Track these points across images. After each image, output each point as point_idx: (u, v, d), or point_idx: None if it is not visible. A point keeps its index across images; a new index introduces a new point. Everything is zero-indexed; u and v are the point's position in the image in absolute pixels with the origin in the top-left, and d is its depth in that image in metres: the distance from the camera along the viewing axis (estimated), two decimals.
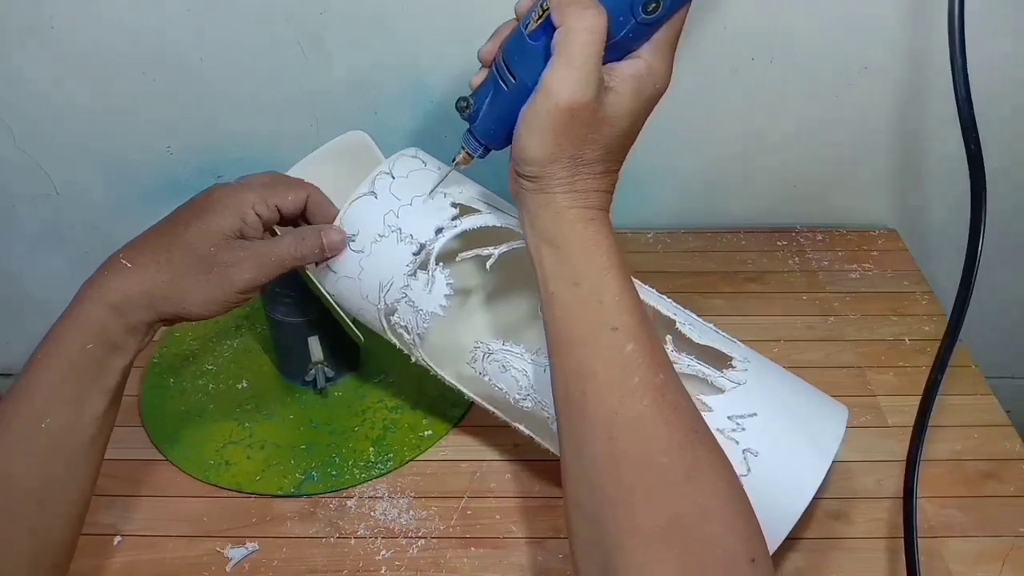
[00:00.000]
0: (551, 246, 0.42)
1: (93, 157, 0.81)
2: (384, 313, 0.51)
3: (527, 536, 0.56)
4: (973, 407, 0.65)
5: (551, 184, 0.42)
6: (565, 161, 0.41)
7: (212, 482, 0.60)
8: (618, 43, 0.40)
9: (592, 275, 0.41)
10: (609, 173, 0.43)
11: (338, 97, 0.77)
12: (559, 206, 0.42)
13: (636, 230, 0.85)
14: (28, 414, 0.43)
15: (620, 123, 0.41)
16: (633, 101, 0.40)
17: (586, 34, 0.38)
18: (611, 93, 0.40)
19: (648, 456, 0.38)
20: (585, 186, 0.42)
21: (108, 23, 0.71)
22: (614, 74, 0.40)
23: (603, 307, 0.41)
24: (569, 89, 0.38)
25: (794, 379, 0.53)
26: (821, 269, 0.80)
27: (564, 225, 0.42)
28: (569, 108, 0.39)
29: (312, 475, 0.60)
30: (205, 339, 0.73)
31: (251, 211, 0.48)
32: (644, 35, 0.40)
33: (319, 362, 0.65)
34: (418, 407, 0.66)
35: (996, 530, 0.56)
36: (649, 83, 0.41)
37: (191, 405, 0.66)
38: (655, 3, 0.38)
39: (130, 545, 0.56)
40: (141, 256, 0.46)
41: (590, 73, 0.38)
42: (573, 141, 0.40)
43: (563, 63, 0.38)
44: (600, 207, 0.43)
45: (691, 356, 0.51)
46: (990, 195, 0.85)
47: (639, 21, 0.39)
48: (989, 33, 0.71)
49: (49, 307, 0.94)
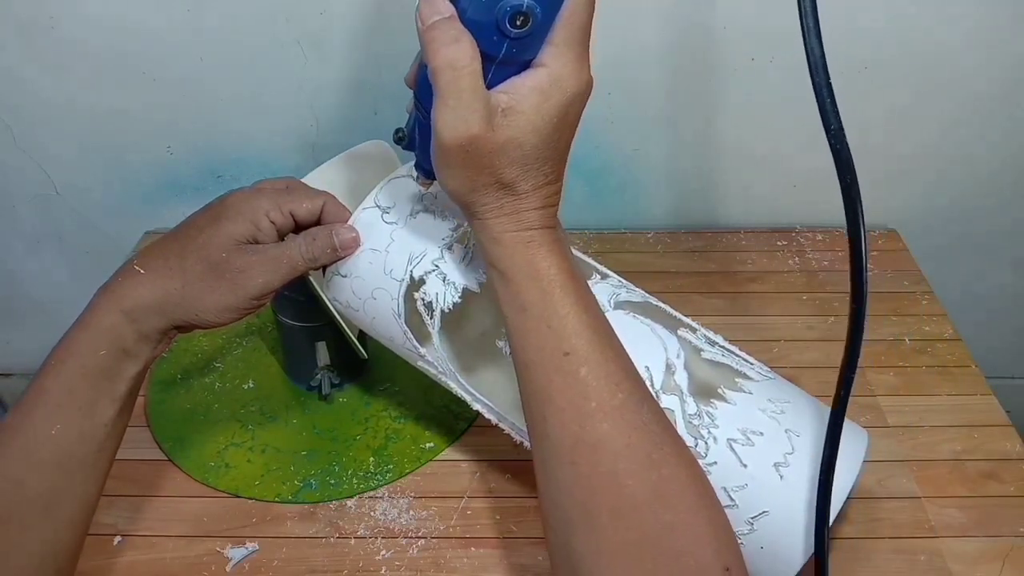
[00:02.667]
0: (496, 271, 0.42)
1: (93, 157, 0.81)
2: (407, 289, 0.50)
3: (527, 536, 0.56)
4: (973, 407, 0.65)
5: (482, 212, 0.41)
6: (484, 190, 0.40)
7: (211, 485, 0.60)
8: (505, 60, 0.38)
9: (536, 300, 0.40)
10: (539, 189, 0.40)
11: (338, 97, 0.77)
12: (494, 233, 0.41)
13: (636, 230, 0.84)
14: (39, 421, 0.42)
15: (528, 140, 0.38)
16: (537, 115, 0.38)
17: (451, 72, 0.37)
18: (509, 114, 0.38)
19: (612, 479, 0.38)
20: (515, 208, 0.40)
21: (108, 23, 0.71)
22: (512, 92, 0.38)
23: (552, 332, 0.40)
24: (450, 129, 0.37)
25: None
26: (821, 269, 0.80)
27: (503, 251, 0.41)
28: (458, 146, 0.38)
29: (311, 483, 0.60)
30: (215, 336, 0.73)
31: (265, 218, 0.47)
32: (532, 46, 0.38)
33: (325, 367, 0.65)
34: (422, 418, 0.65)
35: (996, 530, 0.56)
36: (555, 91, 0.38)
37: (196, 403, 0.66)
38: (522, 17, 0.36)
39: (130, 545, 0.56)
40: (154, 262, 0.46)
41: (468, 107, 0.37)
42: (480, 172, 0.39)
43: (440, 102, 0.37)
44: (540, 226, 0.41)
45: (719, 348, 0.52)
46: (988, 194, 0.86)
47: (513, 38, 0.37)
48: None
49: (49, 307, 0.95)
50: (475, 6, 0.37)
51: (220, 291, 0.46)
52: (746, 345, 0.55)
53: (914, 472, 0.60)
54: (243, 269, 0.46)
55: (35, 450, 0.42)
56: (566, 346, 0.40)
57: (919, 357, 0.70)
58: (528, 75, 0.38)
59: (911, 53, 0.73)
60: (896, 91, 0.75)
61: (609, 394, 0.39)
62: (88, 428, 0.44)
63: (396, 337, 0.52)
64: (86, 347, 0.44)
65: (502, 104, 0.38)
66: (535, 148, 0.39)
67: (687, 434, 0.48)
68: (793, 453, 0.47)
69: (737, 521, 0.46)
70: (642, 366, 0.50)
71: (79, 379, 0.43)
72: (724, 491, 0.46)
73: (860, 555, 0.55)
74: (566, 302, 0.40)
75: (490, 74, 0.38)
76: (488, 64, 0.38)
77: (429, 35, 0.37)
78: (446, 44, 0.37)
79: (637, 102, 0.76)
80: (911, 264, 0.81)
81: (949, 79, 0.75)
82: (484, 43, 0.37)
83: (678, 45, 0.72)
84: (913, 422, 0.64)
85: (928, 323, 0.73)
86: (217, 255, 0.46)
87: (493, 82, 0.39)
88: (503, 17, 0.36)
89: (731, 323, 0.73)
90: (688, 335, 0.53)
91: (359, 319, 0.53)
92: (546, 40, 0.38)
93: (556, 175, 0.41)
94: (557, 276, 0.41)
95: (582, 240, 0.83)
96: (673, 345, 0.52)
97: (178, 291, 0.45)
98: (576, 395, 0.39)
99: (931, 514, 0.57)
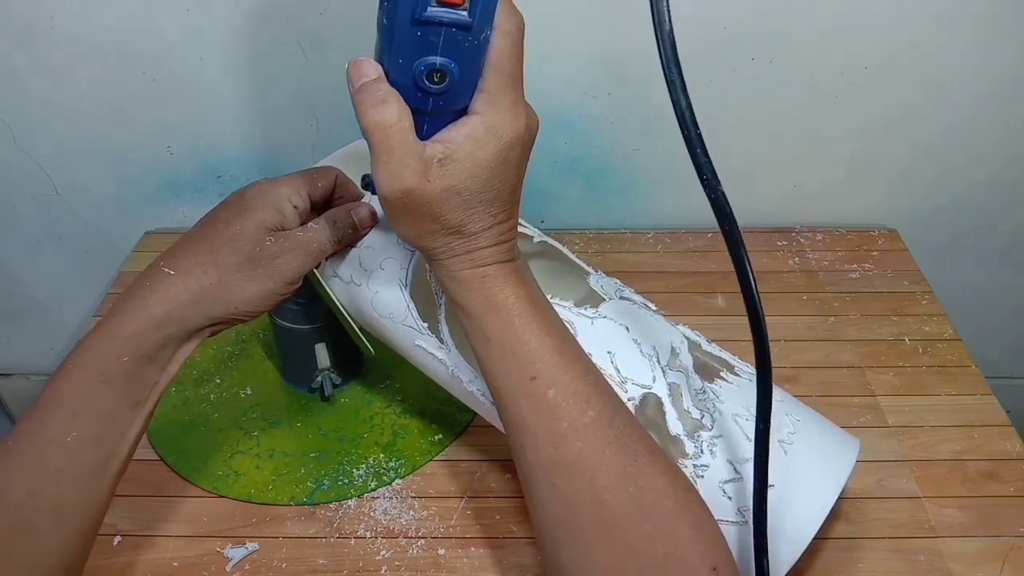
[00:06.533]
0: (457, 306, 0.43)
1: (93, 157, 0.81)
2: (419, 258, 0.50)
3: (527, 536, 0.56)
4: (973, 407, 0.65)
5: (435, 254, 0.42)
6: (431, 236, 0.41)
7: (223, 494, 0.59)
8: (435, 112, 0.39)
9: (497, 330, 0.42)
10: (488, 229, 0.41)
11: (338, 97, 0.77)
12: (450, 271, 0.42)
13: (636, 230, 0.85)
14: (54, 428, 0.42)
15: (467, 186, 0.39)
16: (472, 162, 0.39)
17: (380, 132, 0.38)
18: (445, 164, 0.39)
19: (591, 495, 0.39)
20: (466, 248, 0.42)
21: (108, 23, 0.71)
22: (447, 141, 0.39)
23: (516, 358, 0.41)
24: (387, 184, 0.39)
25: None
26: (821, 269, 0.80)
27: (460, 287, 0.42)
28: (396, 199, 0.39)
29: (323, 483, 0.60)
30: (205, 346, 0.72)
31: (288, 204, 0.48)
32: (460, 96, 0.39)
33: (326, 369, 0.65)
34: (426, 412, 0.65)
35: (996, 530, 0.56)
36: (490, 138, 0.39)
37: (195, 414, 0.66)
38: (438, 74, 0.37)
39: (130, 545, 0.56)
40: (184, 262, 0.45)
41: (400, 163, 0.38)
42: (423, 219, 0.40)
43: (375, 160, 0.39)
44: (493, 262, 0.42)
45: (714, 345, 0.53)
46: (988, 195, 0.86)
47: (436, 93, 0.38)
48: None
49: (49, 307, 0.95)
50: (395, 67, 0.38)
51: (257, 280, 0.46)
52: (747, 345, 0.54)
53: (914, 472, 0.60)
54: (277, 255, 0.46)
55: (49, 458, 0.41)
56: (531, 370, 0.41)
57: (919, 357, 0.70)
58: (462, 123, 0.40)
59: (912, 53, 0.73)
60: (896, 91, 0.75)
61: (579, 412, 0.40)
62: (105, 436, 0.43)
63: (397, 312, 0.51)
64: (108, 353, 0.43)
65: (438, 154, 0.39)
66: (476, 193, 0.40)
67: (694, 407, 0.48)
68: (795, 434, 0.48)
69: (742, 495, 0.46)
70: (648, 345, 0.50)
71: (99, 386, 0.42)
72: (730, 464, 0.47)
73: (860, 555, 0.55)
74: (527, 328, 0.41)
75: (425, 126, 0.40)
76: (421, 117, 0.39)
77: (358, 97, 0.39)
78: (373, 106, 0.38)
79: (637, 102, 0.76)
80: (911, 264, 0.81)
81: (950, 79, 0.75)
82: (411, 100, 0.39)
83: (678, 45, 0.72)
84: (913, 422, 0.64)
85: (928, 323, 0.73)
86: (250, 245, 0.46)
87: (428, 133, 0.40)
88: (420, 75, 0.38)
89: (731, 323, 0.73)
90: (687, 331, 0.54)
91: (359, 297, 0.52)
92: (478, 87, 0.39)
93: (506, 214, 0.42)
94: (515, 304, 0.42)
95: (582, 240, 0.83)
96: (676, 333, 0.53)
97: (214, 286, 0.45)
98: (547, 417, 0.41)
99: (931, 514, 0.57)
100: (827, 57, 0.74)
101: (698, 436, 0.47)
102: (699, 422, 0.48)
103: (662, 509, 0.39)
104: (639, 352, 0.50)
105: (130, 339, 0.43)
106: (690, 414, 0.48)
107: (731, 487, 0.46)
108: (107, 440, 0.43)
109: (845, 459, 0.48)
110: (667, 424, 0.48)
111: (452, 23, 0.36)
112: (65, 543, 0.42)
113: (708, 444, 0.47)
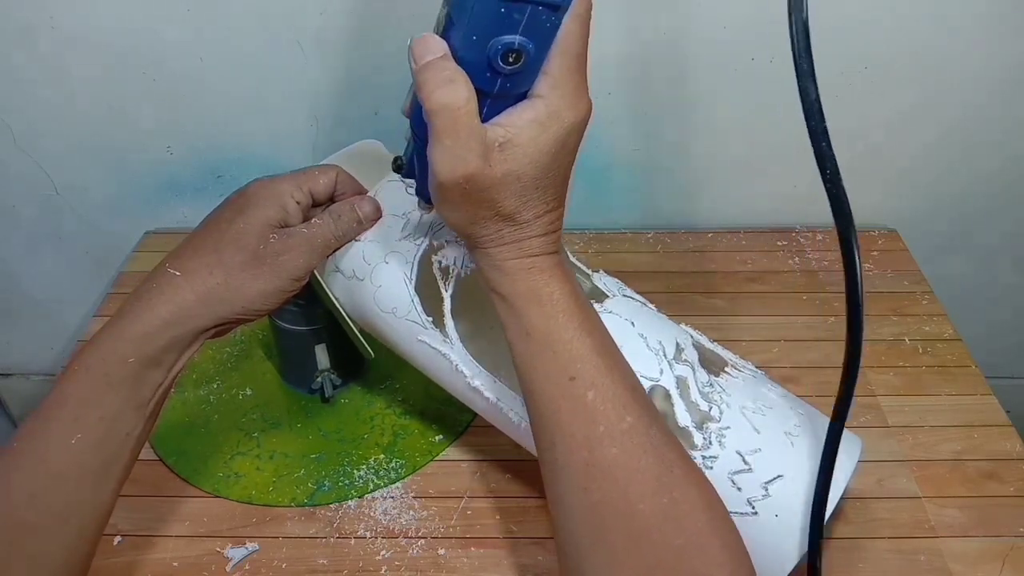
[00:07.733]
0: (498, 297, 0.42)
1: (93, 157, 0.81)
2: (425, 252, 0.50)
3: (527, 536, 0.56)
4: (973, 407, 0.65)
5: (482, 242, 0.41)
6: (484, 222, 0.40)
7: (223, 495, 0.59)
8: (500, 95, 0.38)
9: (539, 325, 0.40)
10: (540, 217, 0.40)
11: (338, 97, 0.77)
12: (495, 260, 0.41)
13: (636, 230, 0.84)
14: (58, 430, 0.41)
15: (526, 172, 0.38)
16: (534, 147, 0.38)
17: (446, 113, 0.36)
18: (506, 148, 0.38)
19: (624, 505, 0.38)
20: (516, 237, 0.40)
21: (108, 23, 0.71)
22: (509, 125, 0.38)
23: (556, 357, 0.40)
24: (447, 167, 0.37)
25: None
26: (821, 269, 0.80)
27: (505, 278, 0.41)
28: (455, 184, 0.38)
29: (324, 484, 0.60)
30: (204, 347, 0.72)
31: (291, 200, 0.48)
32: (527, 79, 0.38)
33: (326, 370, 0.65)
34: (426, 413, 0.65)
35: (996, 530, 0.56)
36: (552, 123, 0.38)
37: (194, 415, 0.66)
38: (514, 54, 0.36)
39: (130, 545, 0.56)
40: (190, 263, 0.45)
41: (464, 146, 0.37)
42: (479, 206, 0.39)
43: (435, 142, 0.37)
44: (541, 252, 0.41)
45: (716, 343, 0.53)
46: (988, 195, 0.85)
47: (507, 74, 0.37)
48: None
49: (49, 307, 0.95)
50: (467, 45, 0.36)
51: (263, 278, 0.46)
52: (747, 345, 0.55)
53: (914, 472, 0.60)
54: (282, 252, 0.46)
55: (53, 461, 0.41)
56: (571, 371, 0.39)
57: (919, 357, 0.70)
58: (525, 107, 0.38)
59: (912, 53, 0.73)
60: (897, 91, 0.75)
61: (617, 418, 0.39)
62: (109, 439, 0.43)
63: (401, 307, 0.51)
64: (113, 355, 0.43)
65: (499, 138, 0.38)
66: (534, 179, 0.39)
67: (701, 399, 0.48)
68: (800, 427, 0.48)
69: (751, 486, 0.46)
70: (655, 340, 0.50)
71: (104, 388, 0.42)
72: (738, 455, 0.47)
73: (860, 555, 0.55)
74: (570, 326, 0.40)
75: (485, 108, 0.38)
76: (483, 99, 0.38)
77: (423, 76, 0.37)
78: (441, 85, 0.36)
79: (637, 102, 0.76)
80: (911, 264, 0.81)
81: (950, 79, 0.75)
82: (477, 80, 0.37)
83: (679, 45, 0.72)
84: (913, 422, 0.64)
85: (928, 323, 0.73)
86: (254, 243, 0.46)
87: (488, 115, 0.38)
88: (495, 55, 0.36)
89: (731, 323, 0.73)
90: (689, 330, 0.54)
91: (361, 292, 0.52)
92: (542, 70, 0.38)
93: (557, 202, 0.41)
94: (560, 300, 0.40)
95: (582, 240, 0.83)
96: (680, 330, 0.53)
97: (221, 285, 0.45)
98: (583, 420, 0.39)
99: (931, 514, 0.57)
100: (827, 57, 0.73)
101: (706, 427, 0.47)
102: (707, 414, 0.48)
103: (695, 523, 0.38)
104: (646, 346, 0.50)
105: (136, 341, 0.43)
106: (698, 406, 0.48)
107: (740, 478, 0.46)
108: (111, 442, 0.43)
109: (848, 457, 0.48)
110: (676, 415, 0.48)
111: (542, 1, 0.35)
112: (68, 546, 0.42)
113: (716, 435, 0.47)
